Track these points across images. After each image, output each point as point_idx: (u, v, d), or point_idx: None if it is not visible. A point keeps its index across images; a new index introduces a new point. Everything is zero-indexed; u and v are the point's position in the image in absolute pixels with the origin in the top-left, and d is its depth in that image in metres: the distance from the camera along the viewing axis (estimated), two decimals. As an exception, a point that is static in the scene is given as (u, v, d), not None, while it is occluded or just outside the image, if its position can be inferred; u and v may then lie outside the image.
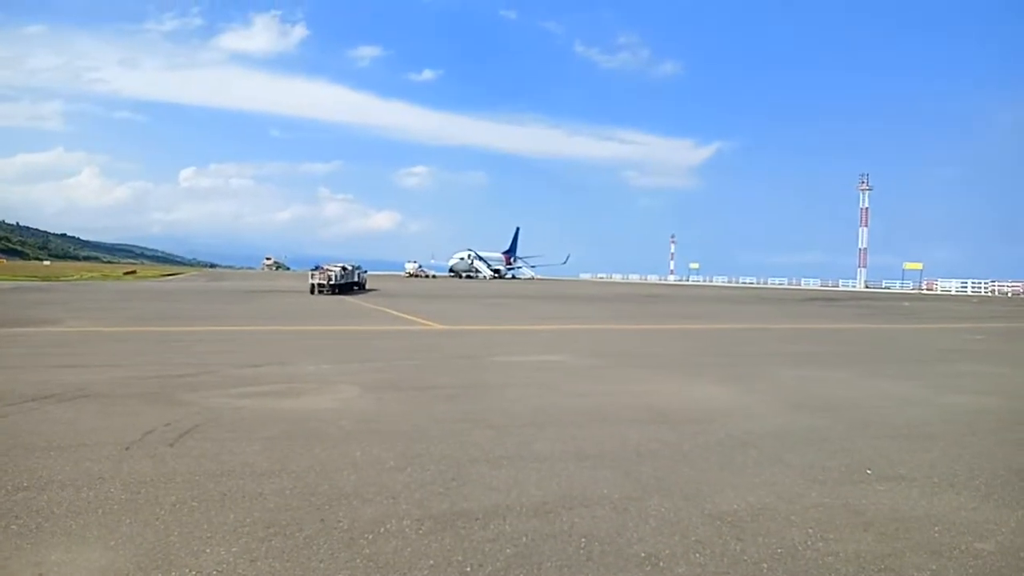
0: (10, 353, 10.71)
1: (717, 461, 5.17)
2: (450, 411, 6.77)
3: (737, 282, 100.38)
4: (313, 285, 34.66)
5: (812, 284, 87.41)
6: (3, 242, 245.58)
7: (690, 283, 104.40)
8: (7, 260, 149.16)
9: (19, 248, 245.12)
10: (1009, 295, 61.75)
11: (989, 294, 64.36)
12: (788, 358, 12.25)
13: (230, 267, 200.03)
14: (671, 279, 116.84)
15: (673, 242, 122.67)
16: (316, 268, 36.58)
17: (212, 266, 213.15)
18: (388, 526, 3.71)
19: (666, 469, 4.92)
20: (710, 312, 28.08)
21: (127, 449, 5.12)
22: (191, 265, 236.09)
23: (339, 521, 3.77)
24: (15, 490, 4.15)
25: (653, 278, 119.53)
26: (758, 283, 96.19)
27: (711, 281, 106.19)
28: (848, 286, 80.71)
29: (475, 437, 5.71)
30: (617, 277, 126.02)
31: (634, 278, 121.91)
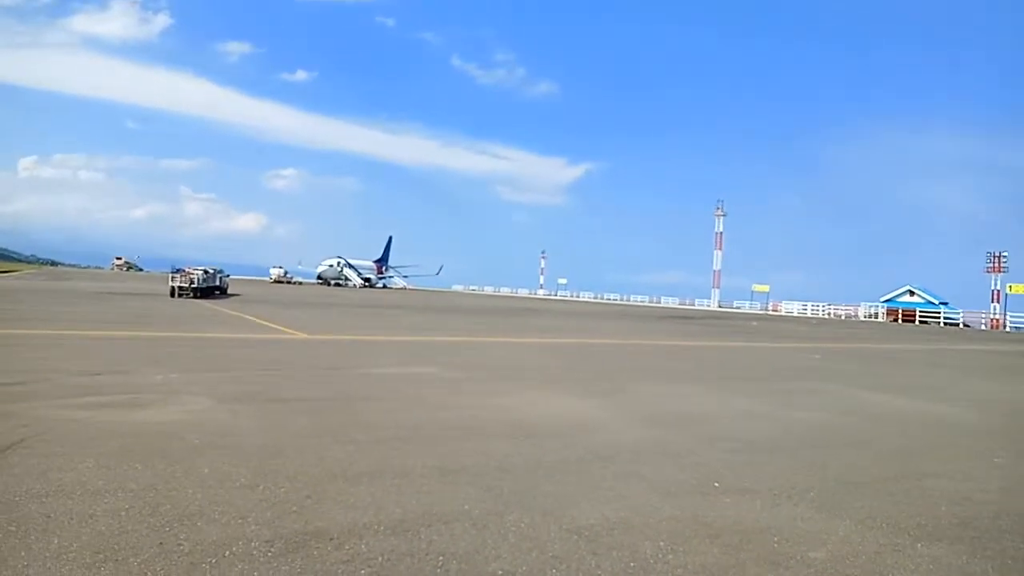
0: None
1: (577, 475, 5.27)
2: (310, 425, 6.52)
3: (602, 298, 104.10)
4: (173, 288, 33.51)
5: (671, 302, 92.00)
6: None
7: (558, 298, 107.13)
8: None
9: None
10: (843, 317, 67.55)
11: (826, 316, 70.11)
12: (645, 373, 12.76)
13: (74, 266, 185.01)
14: (541, 293, 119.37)
15: (544, 257, 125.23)
16: (177, 271, 35.16)
17: (54, 264, 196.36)
18: (234, 549, 3.50)
19: (527, 484, 4.96)
20: (576, 327, 28.84)
21: (-66, 467, 4.56)
22: (29, 262, 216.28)
23: (180, 544, 3.52)
24: None
25: (524, 292, 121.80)
26: (621, 299, 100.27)
27: (578, 296, 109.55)
28: (703, 305, 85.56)
29: (335, 452, 5.52)
30: (489, 290, 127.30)
31: (506, 291, 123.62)
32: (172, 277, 34.70)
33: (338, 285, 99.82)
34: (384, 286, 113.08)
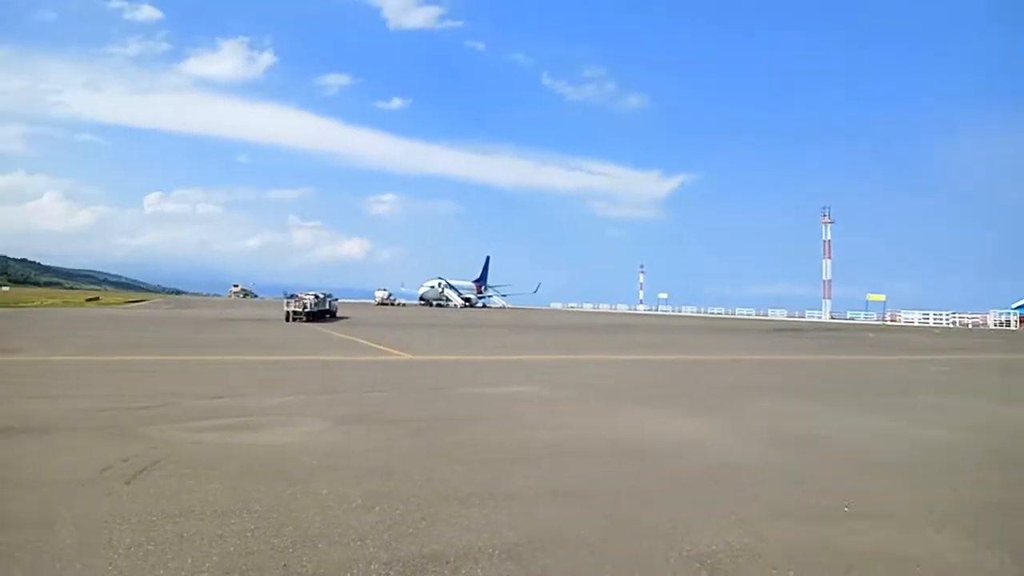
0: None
1: (692, 497, 5.10)
2: (419, 446, 6.61)
3: (706, 312, 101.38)
4: (288, 313, 35.74)
5: (779, 315, 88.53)
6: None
7: (659, 313, 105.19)
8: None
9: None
10: (970, 327, 63.03)
11: (950, 325, 65.65)
12: (759, 390, 12.28)
13: (196, 294, 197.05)
14: (640, 309, 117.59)
15: (642, 272, 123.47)
16: (291, 296, 37.62)
17: (178, 293, 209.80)
18: (354, 571, 3.56)
19: (641, 506, 4.84)
20: (680, 342, 28.21)
21: (83, 486, 4.90)
22: (156, 292, 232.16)
23: (303, 566, 3.61)
24: (-42, 533, 3.92)
25: (623, 307, 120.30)
26: (726, 313, 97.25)
27: (680, 311, 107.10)
28: (814, 317, 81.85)
29: (444, 474, 5.57)
30: (588, 307, 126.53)
31: (604, 307, 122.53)
32: (287, 303, 36.98)
33: (439, 306, 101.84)
34: (484, 305, 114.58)
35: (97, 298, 77.25)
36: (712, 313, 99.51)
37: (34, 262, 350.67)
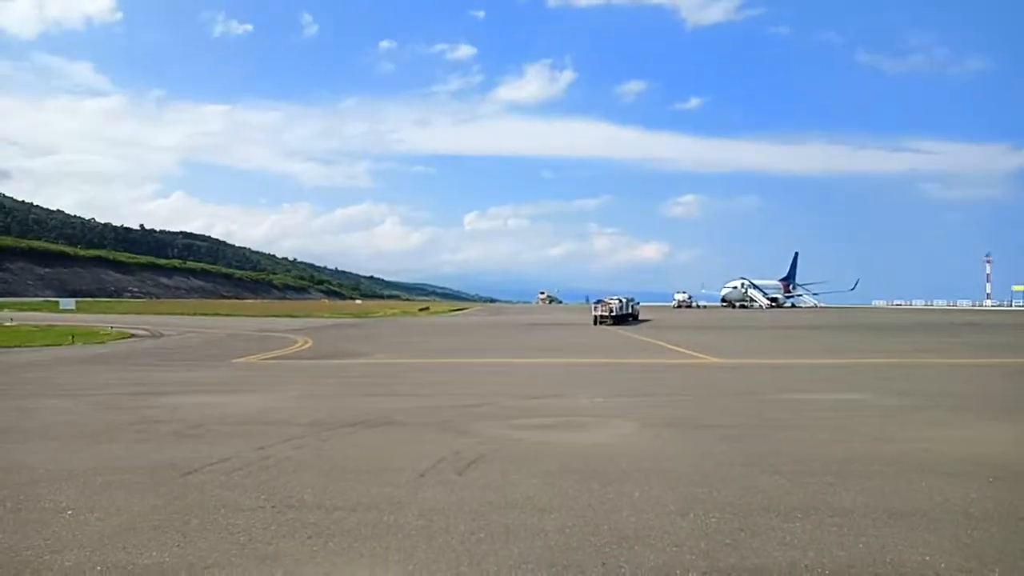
0: (333, 382, 12.33)
1: (1077, 532, 4.16)
2: (732, 452, 6.32)
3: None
4: (596, 317, 38.53)
5: None
6: (325, 285, 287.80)
7: (1014, 309, 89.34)
8: (328, 300, 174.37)
9: (337, 289, 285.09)
10: None
11: None
12: None
13: (508, 301, 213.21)
14: (988, 304, 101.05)
15: (988, 261, 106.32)
16: (598, 302, 40.29)
17: (492, 301, 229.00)
18: (673, 577, 3.48)
19: (1007, 538, 4.07)
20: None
21: (422, 476, 5.48)
22: (474, 300, 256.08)
23: (620, 567, 3.62)
24: (332, 509, 4.61)
25: (964, 303, 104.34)
26: (1107, 307, 79.42)
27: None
28: None
29: (762, 484, 5.24)
30: (918, 304, 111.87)
31: (940, 304, 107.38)
32: (594, 307, 39.84)
33: (743, 307, 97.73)
34: (792, 305, 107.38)
35: (428, 308, 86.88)
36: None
37: (379, 278, 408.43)
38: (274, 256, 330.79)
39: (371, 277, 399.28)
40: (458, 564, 3.67)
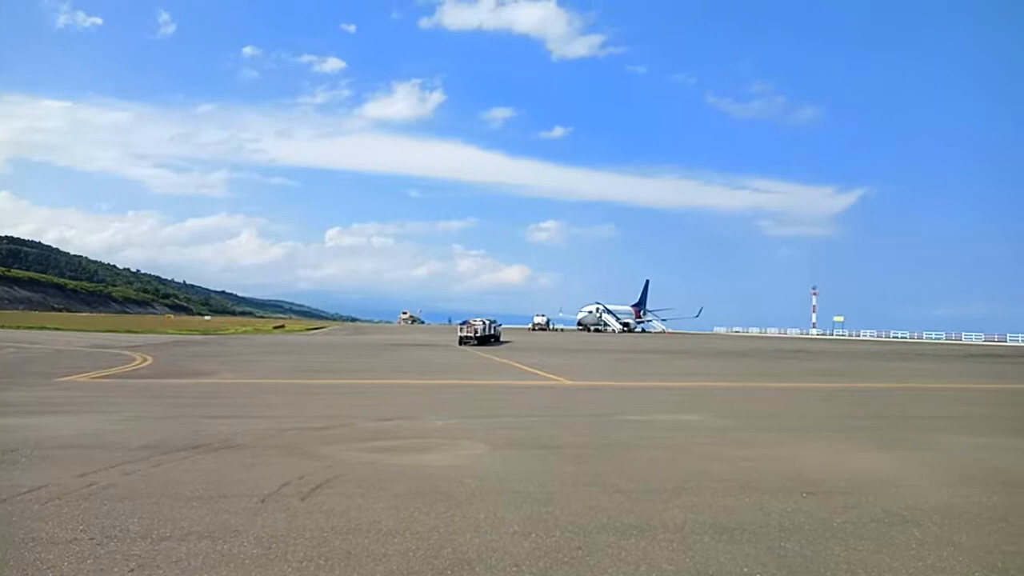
0: (172, 403, 11.54)
1: (873, 540, 4.64)
2: (576, 473, 6.54)
3: (888, 336, 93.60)
4: (461, 337, 39.70)
5: (975, 339, 79.99)
6: (171, 299, 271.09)
7: (835, 337, 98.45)
8: (174, 316, 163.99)
9: (184, 304, 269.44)
10: None
11: None
12: (952, 422, 11.09)
13: (369, 321, 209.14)
14: (814, 333, 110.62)
15: (815, 294, 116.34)
16: (463, 323, 41.70)
17: (353, 320, 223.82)
18: (510, 598, 3.53)
19: (815, 547, 4.47)
20: (858, 369, 26.15)
21: (262, 502, 5.26)
22: (334, 319, 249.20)
23: (460, 589, 3.64)
24: (159, 539, 4.32)
25: (794, 332, 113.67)
26: (912, 338, 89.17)
27: (858, 335, 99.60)
28: (1017, 341, 73.15)
29: (603, 502, 5.45)
30: (754, 331, 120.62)
31: (773, 332, 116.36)
32: (460, 328, 41.13)
33: (597, 331, 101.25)
34: (643, 330, 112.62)
35: (283, 326, 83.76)
36: (895, 337, 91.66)
37: (232, 293, 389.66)
38: (115, 267, 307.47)
39: (223, 292, 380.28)
40: (294, 593, 3.55)
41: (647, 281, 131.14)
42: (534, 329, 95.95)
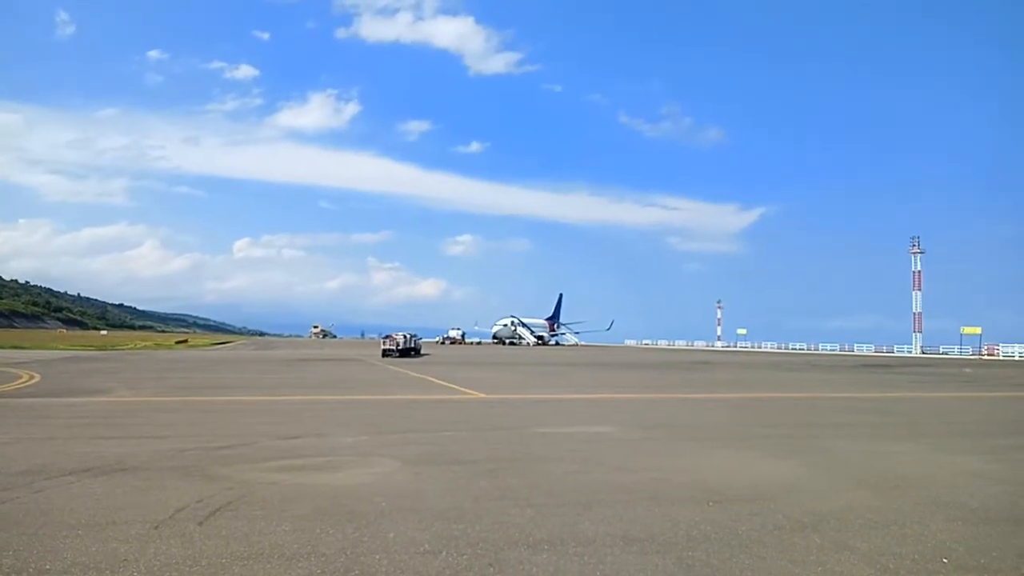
0: (60, 424, 10.80)
1: (776, 547, 4.78)
2: (489, 488, 6.48)
3: (787, 348, 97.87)
4: (384, 350, 41.10)
5: (865, 350, 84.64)
6: (64, 312, 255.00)
7: (738, 349, 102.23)
8: (67, 330, 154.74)
9: (79, 318, 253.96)
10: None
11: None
12: (846, 429, 11.65)
13: (279, 335, 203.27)
14: (718, 345, 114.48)
15: (720, 307, 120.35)
16: (386, 336, 43.73)
17: (262, 334, 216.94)
18: (419, 620, 3.44)
19: (721, 556, 4.55)
20: (759, 380, 27.21)
21: (156, 528, 4.96)
22: (241, 333, 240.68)
23: (367, 613, 3.51)
24: (38, 573, 4.00)
25: (700, 344, 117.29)
26: (808, 349, 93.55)
27: (760, 347, 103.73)
28: (903, 352, 77.92)
29: (515, 517, 5.41)
30: (663, 343, 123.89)
31: (680, 344, 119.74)
32: (383, 341, 43.02)
33: (512, 344, 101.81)
34: (556, 343, 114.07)
35: (186, 340, 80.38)
36: (793, 349, 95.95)
37: (131, 307, 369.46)
38: (1, 278, 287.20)
39: (121, 305, 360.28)
40: (187, 626, 3.34)
41: (560, 295, 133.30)
42: (443, 343, 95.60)
